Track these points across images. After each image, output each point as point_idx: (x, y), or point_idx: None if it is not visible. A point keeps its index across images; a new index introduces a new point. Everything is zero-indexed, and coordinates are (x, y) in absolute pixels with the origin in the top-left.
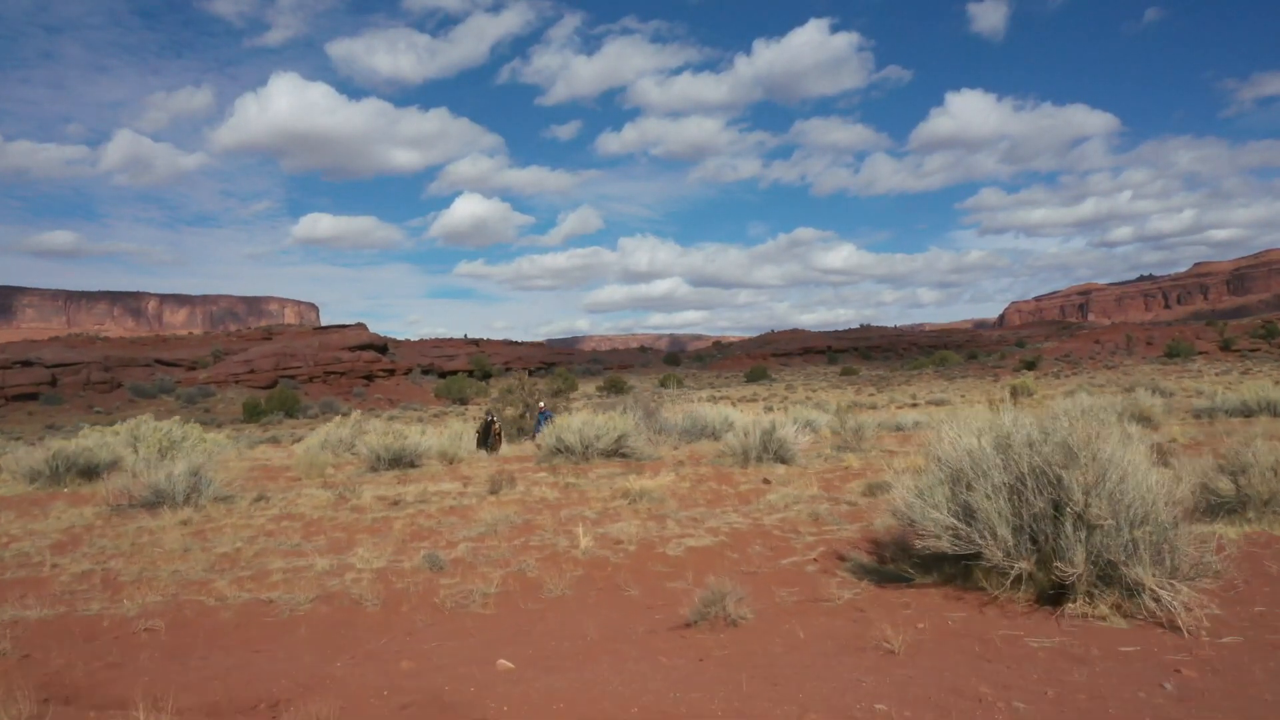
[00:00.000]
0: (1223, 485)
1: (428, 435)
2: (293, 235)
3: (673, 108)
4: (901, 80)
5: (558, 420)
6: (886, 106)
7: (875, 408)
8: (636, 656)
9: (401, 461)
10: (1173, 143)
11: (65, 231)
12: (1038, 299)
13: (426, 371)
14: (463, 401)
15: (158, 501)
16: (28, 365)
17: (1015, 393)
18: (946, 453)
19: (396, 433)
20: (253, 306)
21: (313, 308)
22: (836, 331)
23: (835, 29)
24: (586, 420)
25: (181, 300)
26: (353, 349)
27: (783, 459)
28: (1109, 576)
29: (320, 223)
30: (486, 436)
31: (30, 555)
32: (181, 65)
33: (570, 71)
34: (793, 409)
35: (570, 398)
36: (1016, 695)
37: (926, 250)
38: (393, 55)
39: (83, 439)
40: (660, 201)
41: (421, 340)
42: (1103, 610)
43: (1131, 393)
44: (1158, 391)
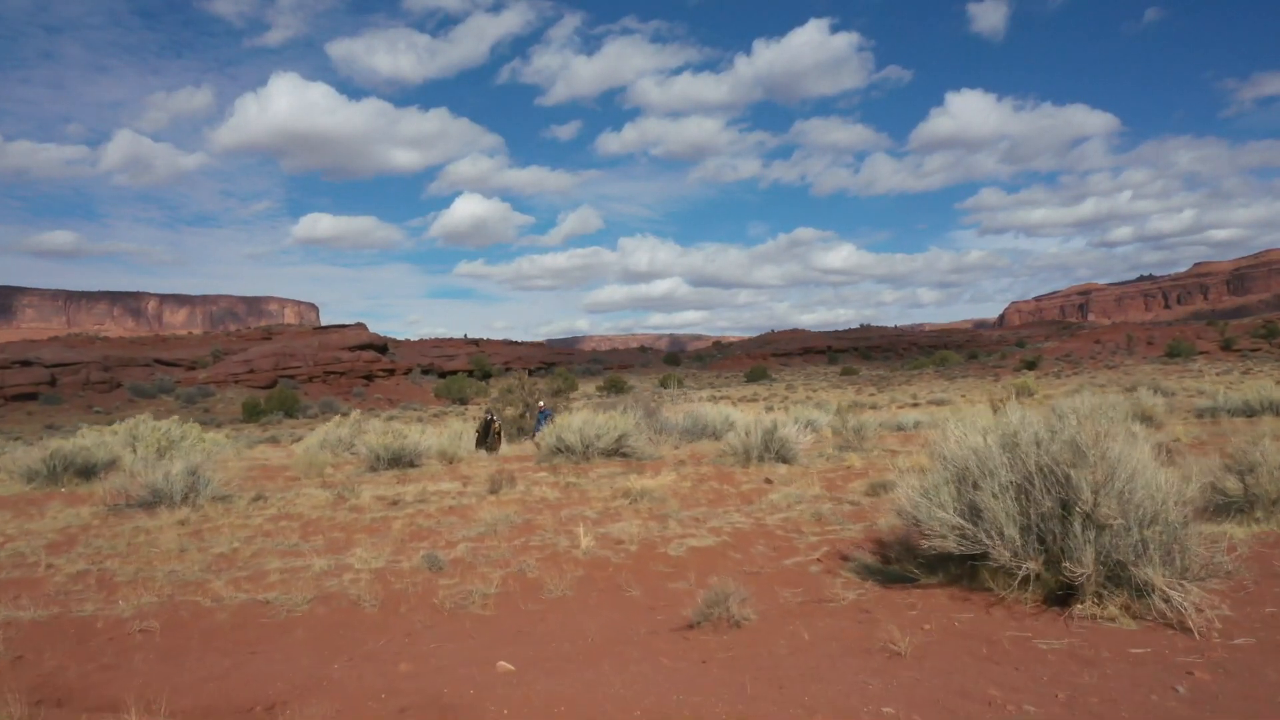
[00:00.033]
0: (1230, 485)
1: (427, 435)
2: (293, 235)
3: (673, 108)
4: (901, 80)
5: (558, 419)
6: (886, 106)
7: (876, 408)
8: (638, 658)
9: (401, 461)
10: (1173, 143)
11: (65, 231)
12: (1038, 299)
13: (426, 371)
14: (463, 401)
15: (155, 501)
16: (27, 365)
17: (1017, 392)
18: (952, 451)
19: (396, 432)
20: (253, 306)
21: (313, 308)
22: (836, 331)
23: (835, 29)
24: (587, 419)
25: (181, 300)
26: (352, 349)
27: (784, 458)
28: (1118, 577)
29: (320, 223)
30: (486, 436)
31: (25, 555)
32: (181, 65)
33: (570, 71)
34: (793, 409)
35: (570, 397)
36: (1026, 698)
37: (926, 250)
38: (393, 55)
39: (80, 439)
40: (660, 201)
41: (421, 340)
42: (1112, 611)
43: (1133, 392)
44: (1159, 391)
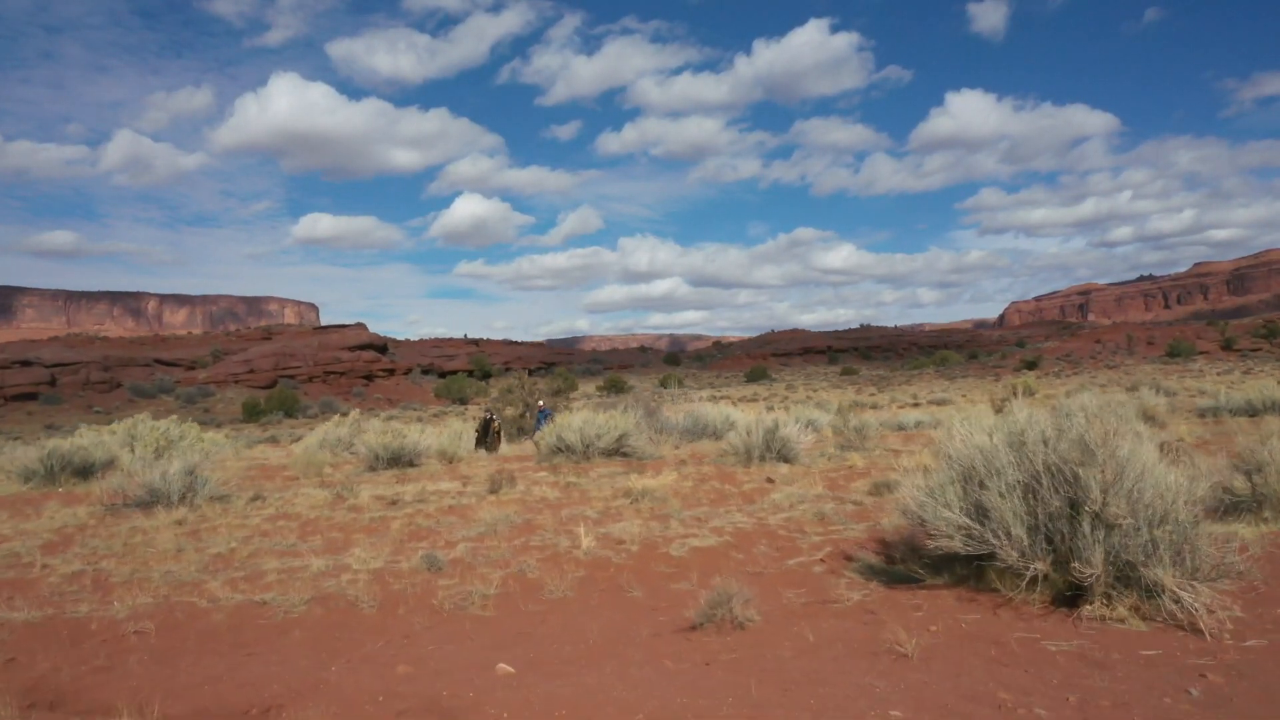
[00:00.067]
0: (1238, 484)
1: (427, 435)
2: (293, 235)
3: (673, 108)
4: (901, 80)
5: (558, 419)
6: (886, 106)
7: (876, 407)
8: (641, 660)
9: (400, 461)
10: (1173, 143)
11: (65, 231)
12: (1038, 299)
13: (426, 371)
14: (462, 401)
15: (152, 501)
16: (27, 365)
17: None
18: (958, 450)
19: (395, 432)
20: (253, 306)
21: (313, 308)
22: (836, 331)
23: (835, 29)
24: (587, 419)
25: (181, 300)
26: (352, 349)
27: (786, 458)
28: (1127, 578)
29: (320, 223)
30: (486, 435)
31: (20, 555)
32: (181, 65)
33: (570, 71)
34: (794, 408)
35: (570, 397)
36: (1037, 701)
37: (926, 250)
38: (393, 55)
39: (78, 438)
40: (660, 201)
41: (421, 340)
42: (1121, 612)
43: (1135, 392)
44: (1161, 391)
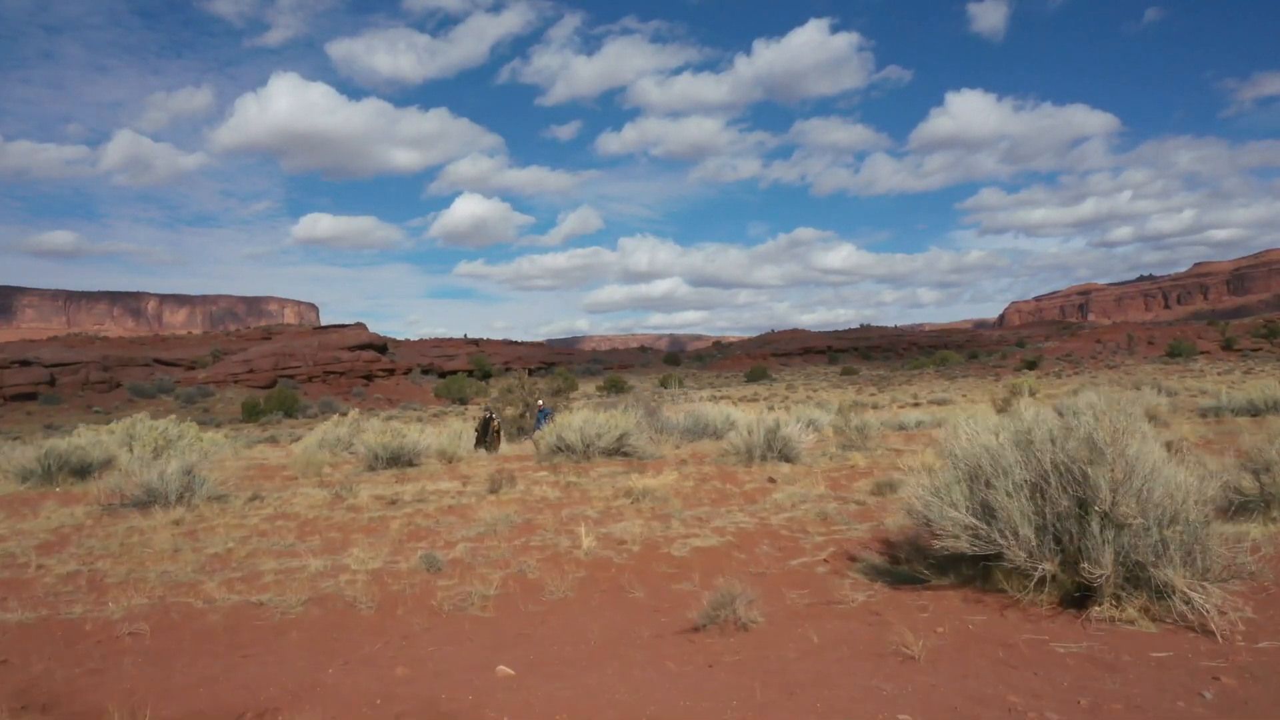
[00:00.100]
0: (1246, 483)
1: (426, 434)
2: (293, 235)
3: (673, 108)
4: (901, 80)
5: (558, 418)
6: (886, 106)
7: (877, 407)
8: (642, 662)
9: (400, 460)
10: (1173, 143)
11: (65, 231)
12: (1038, 299)
13: (426, 371)
14: (462, 401)
15: (150, 501)
16: (26, 365)
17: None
18: (963, 449)
19: (394, 431)
20: (253, 306)
21: (313, 308)
22: (836, 331)
23: (835, 29)
24: (588, 418)
25: (181, 300)
26: (352, 349)
27: (787, 458)
28: (1136, 578)
29: (320, 223)
30: (485, 434)
31: (15, 556)
32: (181, 65)
33: (570, 71)
34: (794, 408)
35: (570, 397)
36: (1048, 704)
37: (926, 250)
38: (393, 55)
39: (76, 438)
40: (660, 201)
41: (421, 340)
42: (1130, 613)
43: (1137, 391)
44: (1162, 391)
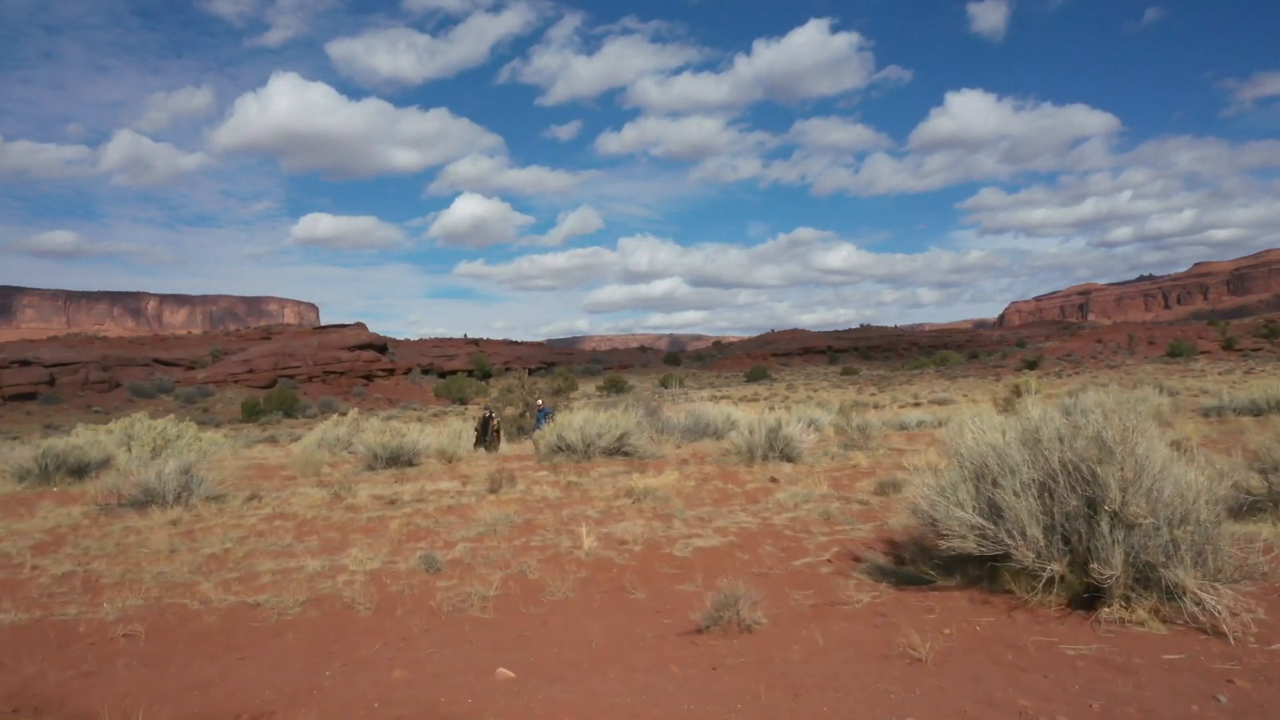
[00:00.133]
0: (1254, 483)
1: (426, 434)
2: (293, 235)
3: (673, 108)
4: (901, 80)
5: (559, 418)
6: (886, 106)
7: (878, 407)
8: (645, 665)
9: (399, 460)
10: (1173, 143)
11: (65, 231)
12: (1038, 299)
13: (426, 371)
14: (462, 401)
15: (147, 501)
16: (25, 365)
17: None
18: (969, 448)
19: (394, 431)
20: (253, 306)
21: (313, 308)
22: (836, 331)
23: (835, 29)
24: (588, 418)
25: (181, 300)
26: (352, 349)
27: (789, 457)
28: (1146, 579)
29: (320, 223)
30: (485, 433)
31: (10, 556)
32: (181, 65)
33: (570, 71)
34: (795, 408)
35: (570, 397)
36: (1059, 708)
37: (926, 250)
38: (393, 55)
39: (74, 437)
40: (660, 201)
41: (421, 340)
42: (1140, 615)
43: (1139, 391)
44: (1164, 391)
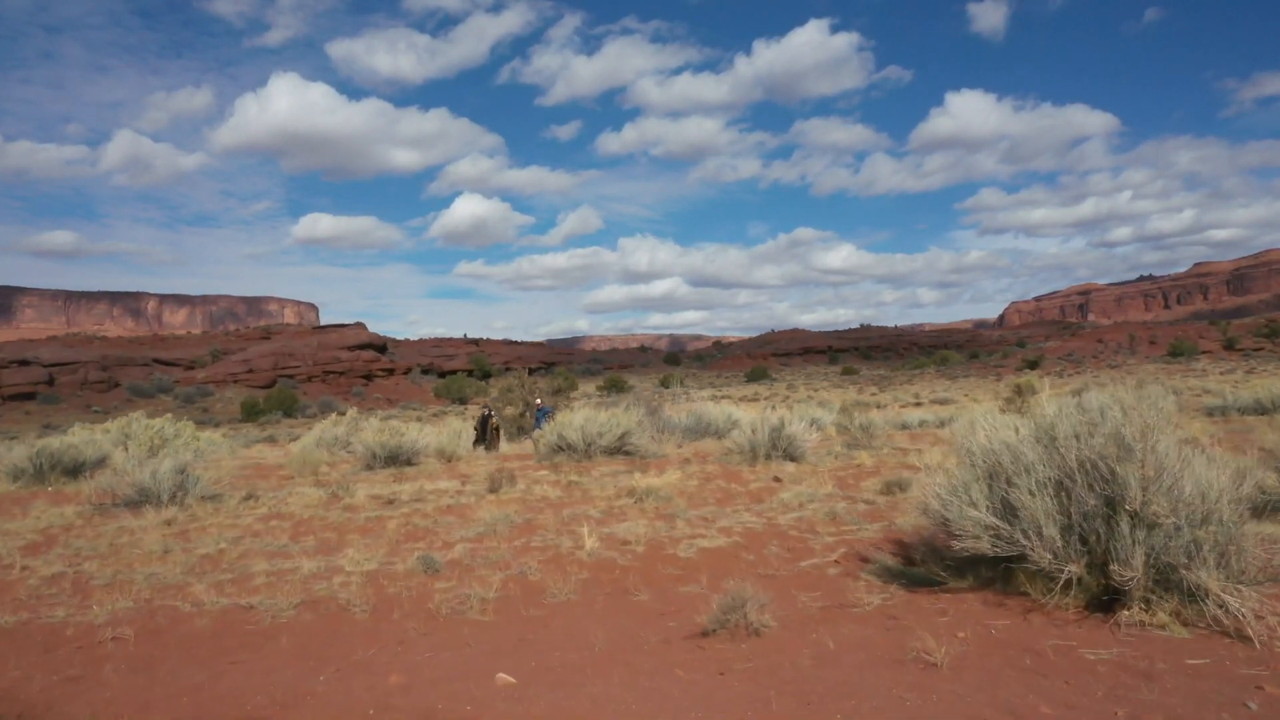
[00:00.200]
0: (1270, 482)
1: (425, 433)
2: (293, 235)
3: (673, 108)
4: (901, 80)
5: (559, 417)
6: (886, 106)
7: (879, 407)
8: (650, 670)
9: (398, 459)
10: (1173, 143)
11: (65, 231)
12: (1038, 299)
13: (426, 371)
14: (462, 401)
15: (142, 500)
16: (25, 364)
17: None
18: (982, 446)
19: (393, 430)
20: (252, 306)
21: (312, 308)
22: (837, 331)
23: (835, 29)
24: (589, 417)
25: (181, 300)
26: (352, 349)
27: (792, 456)
28: (1167, 581)
29: (320, 223)
30: (484, 432)
31: (0, 557)
32: (181, 65)
33: (570, 71)
34: (796, 407)
35: (570, 397)
36: (1082, 716)
37: (926, 250)
38: (393, 55)
39: (69, 436)
40: (660, 201)
41: (421, 340)
42: (1161, 618)
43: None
44: (1168, 390)
